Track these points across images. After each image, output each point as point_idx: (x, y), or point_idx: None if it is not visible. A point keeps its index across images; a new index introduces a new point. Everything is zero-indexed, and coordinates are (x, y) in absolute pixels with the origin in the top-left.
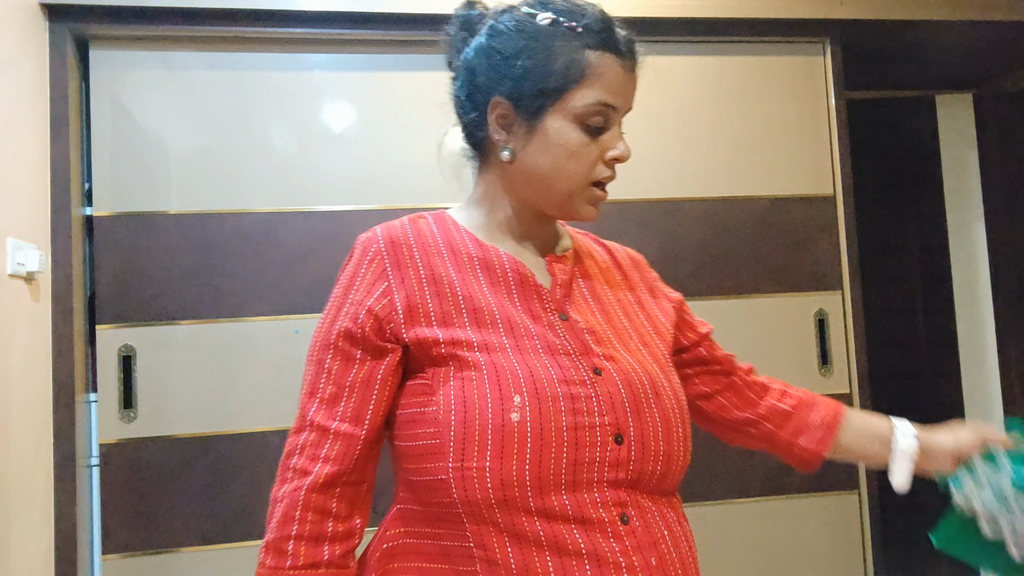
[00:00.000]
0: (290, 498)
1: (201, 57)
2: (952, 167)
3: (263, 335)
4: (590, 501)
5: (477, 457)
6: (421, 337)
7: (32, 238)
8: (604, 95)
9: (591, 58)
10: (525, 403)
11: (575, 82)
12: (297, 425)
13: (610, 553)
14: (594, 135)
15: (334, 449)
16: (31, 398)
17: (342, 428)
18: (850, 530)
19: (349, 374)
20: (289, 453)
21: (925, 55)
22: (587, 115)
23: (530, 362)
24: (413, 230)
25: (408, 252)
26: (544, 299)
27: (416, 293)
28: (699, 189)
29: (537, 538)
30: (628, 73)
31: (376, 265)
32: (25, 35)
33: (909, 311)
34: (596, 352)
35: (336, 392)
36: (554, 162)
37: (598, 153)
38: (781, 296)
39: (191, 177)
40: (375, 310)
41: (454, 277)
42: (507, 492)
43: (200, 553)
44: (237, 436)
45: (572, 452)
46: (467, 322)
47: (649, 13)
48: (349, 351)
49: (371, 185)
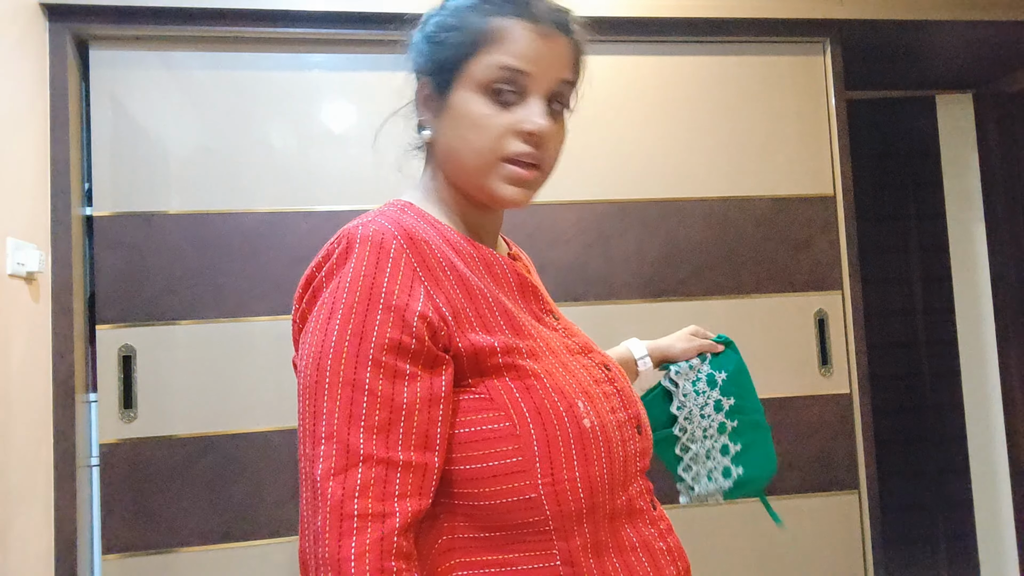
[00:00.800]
0: (378, 549)
1: (201, 57)
2: (952, 167)
3: (263, 335)
4: (636, 493)
5: (566, 469)
6: (477, 346)
7: (32, 238)
8: (507, 59)
9: (494, 23)
10: (587, 408)
11: (478, 49)
12: (341, 463)
13: (652, 539)
14: (505, 106)
15: (408, 483)
16: (31, 398)
17: (411, 458)
18: (850, 530)
19: (403, 393)
20: (346, 497)
21: (925, 55)
22: (490, 81)
23: (569, 366)
24: (417, 225)
25: (428, 249)
26: (540, 300)
27: (454, 296)
28: (699, 189)
29: (606, 542)
30: (543, 39)
31: (404, 264)
32: (25, 35)
33: (909, 311)
34: (596, 350)
35: (390, 417)
36: (459, 133)
37: (507, 125)
38: (781, 296)
39: (191, 177)
40: (428, 316)
41: (476, 278)
42: (596, 498)
43: (200, 553)
44: (237, 436)
45: (622, 449)
46: (505, 327)
47: (649, 13)
48: (396, 366)
49: (371, 185)
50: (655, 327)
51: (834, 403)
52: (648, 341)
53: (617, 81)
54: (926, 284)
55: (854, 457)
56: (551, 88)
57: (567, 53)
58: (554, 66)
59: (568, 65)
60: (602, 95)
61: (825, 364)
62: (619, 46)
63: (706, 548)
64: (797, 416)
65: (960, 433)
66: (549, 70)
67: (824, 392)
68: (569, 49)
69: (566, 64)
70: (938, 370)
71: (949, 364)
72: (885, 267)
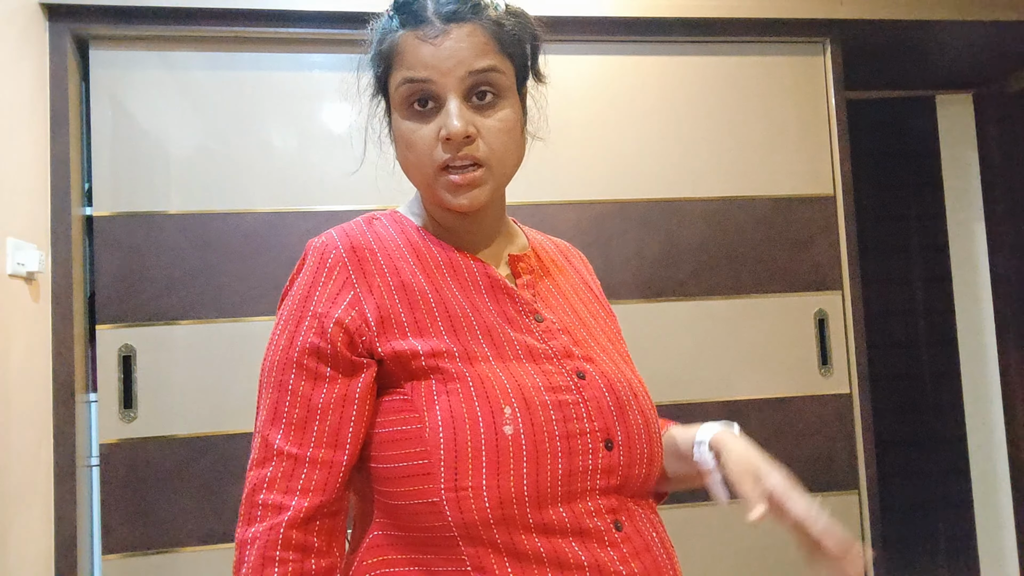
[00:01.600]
0: (266, 537)
1: (201, 57)
2: (952, 167)
3: (263, 335)
4: (585, 511)
5: (472, 476)
6: (399, 350)
7: (32, 238)
8: (405, 72)
9: (390, 41)
10: (516, 414)
11: (389, 71)
12: (260, 456)
13: (609, 562)
14: (428, 117)
15: (312, 479)
16: (31, 398)
17: (319, 455)
18: (850, 530)
19: (320, 394)
20: (255, 488)
21: (925, 55)
22: (404, 99)
23: (515, 370)
24: (372, 233)
25: (372, 258)
26: (516, 301)
27: (387, 302)
28: (700, 189)
29: (537, 554)
30: (433, 42)
31: (338, 273)
32: (25, 35)
33: (909, 311)
34: (576, 355)
35: (306, 415)
36: (401, 153)
37: (432, 135)
38: (781, 296)
39: (191, 177)
40: (344, 322)
41: (424, 283)
42: (506, 510)
43: (200, 553)
44: (237, 436)
45: (567, 462)
46: (443, 331)
47: (649, 13)
48: (316, 369)
49: (371, 185)
50: (655, 327)
51: (834, 403)
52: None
53: (617, 81)
54: (926, 284)
55: (854, 457)
56: (463, 85)
57: (473, 41)
58: (457, 62)
59: (477, 52)
60: (602, 95)
61: (825, 364)
62: (619, 46)
63: (704, 548)
64: (797, 416)
65: (960, 433)
66: (453, 69)
67: (824, 392)
68: (476, 36)
69: (473, 53)
70: (938, 370)
71: (949, 364)
72: (885, 267)
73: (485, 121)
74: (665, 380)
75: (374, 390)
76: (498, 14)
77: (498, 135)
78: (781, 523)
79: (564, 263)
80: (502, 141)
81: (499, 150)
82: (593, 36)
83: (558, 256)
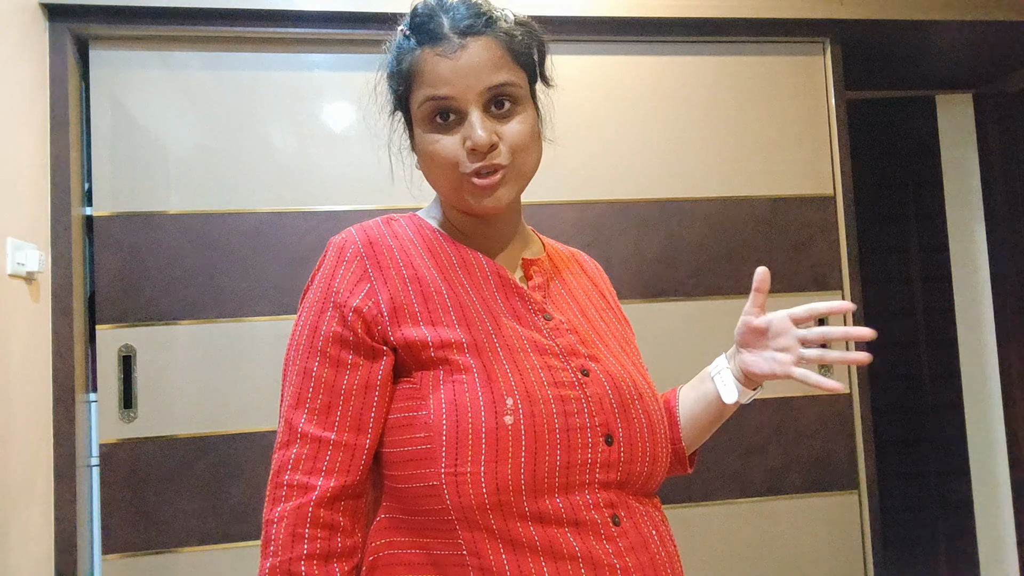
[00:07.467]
0: (295, 516)
1: (201, 57)
2: (952, 167)
3: (263, 335)
4: (583, 503)
5: (471, 462)
6: (410, 339)
7: (32, 238)
8: (427, 90)
9: (410, 60)
10: (518, 406)
11: (411, 90)
12: (285, 439)
13: (604, 555)
14: (451, 129)
15: (337, 460)
16: (31, 398)
17: (343, 438)
18: (850, 530)
19: (343, 381)
20: (280, 469)
21: (925, 55)
22: (426, 115)
23: (520, 364)
24: (389, 230)
25: (388, 252)
26: (526, 300)
27: (400, 293)
28: (699, 189)
29: (532, 543)
30: (448, 57)
31: (356, 265)
32: (25, 35)
33: (909, 311)
34: (582, 353)
35: (330, 400)
36: (426, 168)
37: (457, 146)
38: (781, 296)
39: (191, 177)
40: (363, 311)
41: (437, 277)
42: (502, 496)
43: (200, 553)
44: (237, 436)
45: (565, 454)
46: (455, 321)
47: (649, 13)
48: (339, 356)
49: (371, 185)
50: (655, 327)
51: (834, 403)
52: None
53: (617, 81)
54: (926, 284)
55: (854, 457)
56: (482, 98)
57: (490, 55)
58: (476, 76)
59: (493, 66)
60: (602, 95)
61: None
62: (619, 46)
63: (705, 548)
64: (797, 416)
65: (960, 433)
66: (473, 84)
67: (824, 392)
68: (491, 49)
69: (491, 66)
70: (938, 370)
71: (949, 364)
72: (885, 267)
73: (505, 128)
74: (665, 380)
75: (392, 377)
76: (509, 26)
77: (519, 139)
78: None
79: (578, 270)
80: (521, 143)
81: (518, 153)
82: (593, 36)
83: (573, 264)
